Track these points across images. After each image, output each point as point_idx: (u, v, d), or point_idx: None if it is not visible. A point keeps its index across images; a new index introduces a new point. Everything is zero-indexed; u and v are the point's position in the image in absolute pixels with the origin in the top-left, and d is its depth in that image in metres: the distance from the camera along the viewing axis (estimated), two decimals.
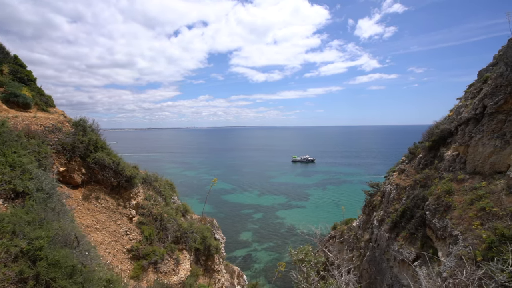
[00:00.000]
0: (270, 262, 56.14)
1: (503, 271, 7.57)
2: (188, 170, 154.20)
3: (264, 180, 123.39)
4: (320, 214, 78.45)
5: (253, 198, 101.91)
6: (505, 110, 12.76)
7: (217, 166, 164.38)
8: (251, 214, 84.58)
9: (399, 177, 20.04)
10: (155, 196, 10.02)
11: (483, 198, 11.11)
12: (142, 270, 7.42)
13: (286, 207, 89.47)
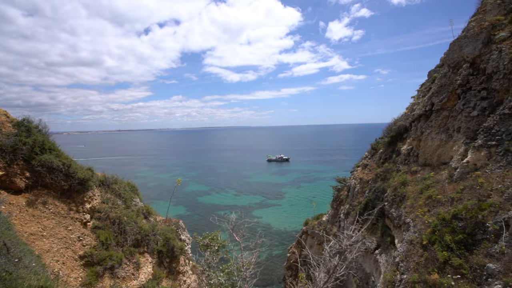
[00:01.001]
0: None
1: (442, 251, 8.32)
2: (162, 172, 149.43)
3: (239, 180, 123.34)
4: (295, 212, 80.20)
5: (229, 198, 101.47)
6: (449, 107, 14.00)
7: (192, 168, 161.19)
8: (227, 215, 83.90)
9: (362, 171, 21.13)
10: (113, 199, 9.61)
11: (430, 187, 12.11)
12: (97, 277, 7.09)
13: (262, 206, 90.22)
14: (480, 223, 8.11)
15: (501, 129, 10.16)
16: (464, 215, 8.69)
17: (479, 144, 10.69)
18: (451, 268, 7.94)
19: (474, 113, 11.96)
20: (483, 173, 9.96)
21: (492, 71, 11.52)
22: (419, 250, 9.68)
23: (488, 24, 12.52)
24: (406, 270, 9.74)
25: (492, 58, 11.59)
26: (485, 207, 8.25)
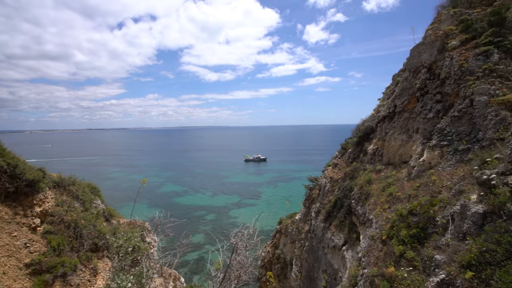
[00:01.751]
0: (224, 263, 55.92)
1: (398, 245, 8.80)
2: (136, 173, 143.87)
3: (217, 180, 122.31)
4: (271, 211, 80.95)
5: (206, 199, 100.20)
6: (409, 109, 14.87)
7: (168, 168, 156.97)
8: (203, 216, 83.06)
9: (333, 170, 21.80)
10: (70, 201, 9.04)
11: (391, 185, 12.77)
12: (45, 286, 6.60)
13: (239, 206, 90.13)
14: (431, 218, 8.69)
15: (452, 130, 10.97)
16: (418, 211, 9.26)
17: (433, 144, 11.46)
18: (406, 261, 8.43)
19: (430, 115, 12.81)
20: (436, 171, 10.69)
21: (445, 76, 12.40)
22: (379, 245, 10.16)
23: (442, 33, 13.46)
24: (367, 264, 10.17)
25: (445, 64, 12.48)
26: (436, 202, 8.85)
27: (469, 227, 6.75)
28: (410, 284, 7.50)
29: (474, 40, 11.98)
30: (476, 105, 10.14)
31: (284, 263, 27.97)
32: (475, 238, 6.24)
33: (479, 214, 6.63)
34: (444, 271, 6.43)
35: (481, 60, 10.88)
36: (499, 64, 10.47)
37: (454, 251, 6.69)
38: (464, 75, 11.23)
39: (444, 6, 15.81)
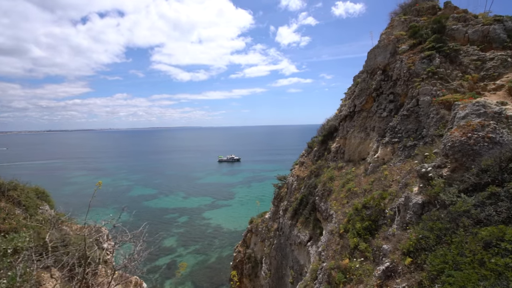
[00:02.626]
0: (197, 265, 54.94)
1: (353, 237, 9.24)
2: (102, 177, 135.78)
3: (189, 182, 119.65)
4: (245, 211, 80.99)
5: (178, 201, 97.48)
6: (367, 108, 15.72)
7: (138, 171, 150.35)
8: (175, 219, 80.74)
9: (299, 169, 22.35)
10: (9, 208, 8.25)
11: (350, 181, 13.40)
12: None
13: (212, 208, 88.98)
14: (382, 210, 9.26)
15: (402, 128, 11.80)
16: (371, 204, 9.82)
17: (386, 141, 12.23)
18: (359, 252, 8.88)
19: (384, 114, 13.65)
20: (388, 166, 11.42)
21: (396, 77, 13.30)
22: (337, 239, 10.61)
23: (394, 38, 14.42)
24: (326, 258, 10.56)
25: (396, 66, 13.38)
26: (386, 196, 9.45)
27: (411, 217, 7.30)
28: (361, 274, 7.91)
29: (420, 45, 13.00)
30: (421, 105, 11.01)
31: (255, 262, 28.12)
32: (414, 227, 6.75)
33: (418, 205, 7.20)
34: (389, 259, 6.88)
35: (426, 63, 11.84)
36: (440, 67, 11.47)
37: (398, 240, 7.18)
38: (411, 76, 12.14)
39: (397, 13, 16.94)
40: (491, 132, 6.49)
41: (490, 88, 10.71)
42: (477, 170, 5.84)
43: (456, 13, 14.50)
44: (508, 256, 3.85)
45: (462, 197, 5.81)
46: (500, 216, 4.64)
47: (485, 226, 4.76)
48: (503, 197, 4.88)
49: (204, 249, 63.00)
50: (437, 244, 5.54)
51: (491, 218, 4.75)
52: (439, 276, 4.78)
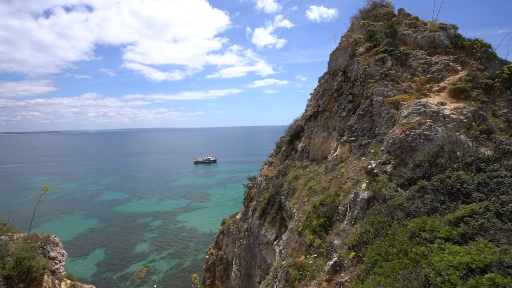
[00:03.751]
0: (171, 270, 53.37)
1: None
2: (68, 181, 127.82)
3: (163, 184, 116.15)
4: (221, 213, 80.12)
5: (151, 205, 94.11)
6: (329, 108, 16.21)
7: (108, 174, 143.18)
8: (148, 223, 77.84)
9: (268, 169, 22.51)
10: None
11: (312, 180, 13.71)
12: None
13: (187, 210, 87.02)
14: (336, 207, 9.56)
15: (358, 127, 12.31)
16: (327, 201, 10.09)
17: (344, 140, 12.69)
18: (314, 249, 9.08)
19: (343, 114, 14.16)
20: (345, 164, 11.84)
21: (354, 79, 13.86)
22: (296, 237, 10.78)
23: (352, 41, 15.03)
24: (285, 256, 10.68)
25: (354, 68, 13.94)
26: (340, 193, 9.78)
27: (358, 212, 7.59)
28: (314, 270, 8.08)
29: (375, 48, 13.67)
30: (374, 105, 11.55)
31: (226, 264, 27.85)
32: (360, 222, 7.02)
33: (364, 200, 7.51)
34: (337, 254, 7.09)
35: (379, 66, 12.46)
36: (392, 69, 12.13)
37: (346, 235, 7.43)
38: (367, 78, 12.70)
39: (357, 18, 17.68)
40: (426, 130, 6.93)
41: (435, 89, 11.50)
42: (412, 165, 6.19)
43: (408, 19, 15.45)
44: (426, 245, 4.09)
45: (399, 192, 6.12)
46: (426, 207, 4.94)
47: (414, 217, 5.04)
48: (429, 190, 5.21)
49: (178, 253, 61.40)
50: (376, 237, 5.78)
51: (419, 210, 5.04)
52: (373, 267, 4.98)
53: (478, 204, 4.01)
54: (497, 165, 4.58)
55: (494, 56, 12.57)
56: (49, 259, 9.93)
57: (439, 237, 3.94)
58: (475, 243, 3.41)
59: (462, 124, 8.61)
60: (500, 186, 4.22)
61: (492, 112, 10.65)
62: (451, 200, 4.67)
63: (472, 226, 3.73)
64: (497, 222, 3.59)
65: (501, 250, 3.05)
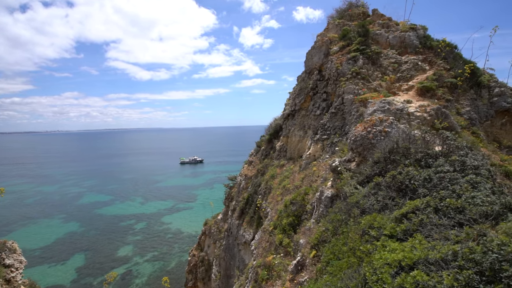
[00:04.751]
0: (154, 273, 52.22)
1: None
2: (46, 184, 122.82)
3: (148, 185, 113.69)
4: (207, 213, 79.23)
5: (135, 207, 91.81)
6: (305, 107, 16.23)
7: (90, 176, 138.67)
8: (132, 225, 75.85)
9: (248, 168, 22.35)
10: None
11: (286, 178, 13.66)
12: None
13: (173, 211, 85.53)
14: (304, 206, 9.52)
15: (330, 125, 12.35)
16: (297, 200, 10.03)
17: (317, 138, 12.70)
18: (283, 248, 8.99)
19: (317, 112, 14.19)
20: (317, 162, 11.85)
21: (328, 77, 13.92)
22: (267, 236, 10.66)
23: (327, 39, 15.10)
24: (257, 256, 10.54)
25: (328, 67, 14.01)
26: (309, 191, 9.75)
27: (323, 211, 7.55)
28: (281, 270, 7.99)
29: (348, 47, 13.78)
30: (345, 103, 11.61)
31: (208, 265, 27.49)
32: (322, 220, 6.97)
33: (328, 198, 7.47)
34: (300, 253, 7.01)
35: (351, 64, 12.56)
36: (363, 68, 12.25)
37: (310, 234, 7.37)
38: (339, 76, 12.78)
39: (333, 17, 17.80)
40: (388, 127, 6.97)
41: (404, 88, 11.70)
42: (371, 162, 6.19)
43: (382, 20, 15.69)
44: (372, 242, 4.04)
45: (358, 189, 6.10)
46: (379, 204, 4.92)
47: (367, 215, 5.01)
48: (382, 186, 5.20)
49: (162, 255, 60.22)
50: (334, 235, 5.72)
51: (372, 207, 5.01)
52: (327, 267, 4.90)
53: (421, 200, 4.00)
54: (442, 161, 4.61)
55: (460, 56, 12.97)
56: (4, 267, 9.29)
57: (384, 234, 3.89)
58: (412, 240, 3.37)
59: (425, 121, 8.76)
60: (442, 181, 4.24)
61: (456, 110, 10.95)
62: (401, 196, 4.66)
63: (414, 223, 3.71)
64: (434, 218, 3.58)
65: (429, 247, 3.01)
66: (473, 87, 11.93)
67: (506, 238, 2.56)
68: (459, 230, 3.18)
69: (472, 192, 3.74)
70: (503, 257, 2.31)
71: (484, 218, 3.25)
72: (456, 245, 2.75)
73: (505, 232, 2.71)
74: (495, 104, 11.94)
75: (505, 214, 3.21)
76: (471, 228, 3.05)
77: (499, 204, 3.31)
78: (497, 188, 3.95)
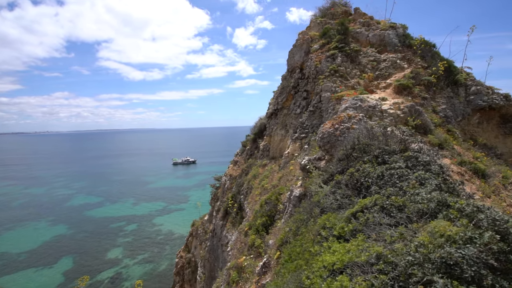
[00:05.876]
0: (145, 275, 51.45)
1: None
2: (35, 186, 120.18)
3: (140, 187, 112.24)
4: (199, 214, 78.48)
5: (126, 209, 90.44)
6: (287, 106, 16.07)
7: (80, 178, 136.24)
8: (122, 227, 74.70)
9: (233, 168, 22.08)
10: None
11: (266, 178, 13.45)
12: None
13: (164, 213, 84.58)
14: (277, 205, 9.33)
15: (309, 123, 12.20)
16: (271, 200, 9.84)
17: (296, 137, 12.54)
18: (255, 249, 8.77)
19: (298, 111, 14.04)
20: (295, 161, 11.66)
21: (308, 76, 13.78)
22: (242, 237, 10.44)
23: (308, 37, 14.97)
24: (231, 257, 10.30)
25: (308, 65, 13.86)
26: (283, 190, 9.57)
27: (291, 210, 7.36)
28: (251, 272, 7.76)
29: (328, 45, 13.66)
30: (323, 101, 11.48)
31: (195, 267, 27.09)
32: (289, 220, 6.78)
33: (296, 197, 7.29)
34: (267, 255, 6.80)
35: (329, 62, 12.44)
36: (341, 65, 12.14)
37: (278, 234, 7.17)
38: (318, 74, 12.65)
39: (316, 15, 17.71)
40: (356, 123, 6.81)
41: (382, 86, 11.62)
42: (336, 160, 6.02)
43: (363, 18, 15.65)
44: (322, 243, 3.85)
45: (323, 187, 5.92)
46: (336, 203, 4.74)
47: (325, 214, 4.83)
48: (342, 185, 5.03)
49: (153, 257, 59.42)
50: (295, 236, 5.53)
51: (331, 206, 4.83)
52: (282, 269, 4.70)
53: (371, 198, 3.83)
54: (397, 157, 4.46)
55: (438, 55, 12.99)
56: None
57: (333, 235, 3.70)
58: (353, 241, 3.19)
59: (399, 118, 8.66)
60: (392, 178, 4.08)
61: (432, 108, 10.92)
62: (356, 194, 4.50)
63: (360, 222, 3.53)
64: (378, 217, 3.40)
65: (362, 249, 2.83)
66: (450, 85, 11.94)
67: (427, 239, 2.39)
68: (395, 230, 3.01)
69: (418, 189, 3.58)
70: (416, 260, 2.14)
71: (419, 217, 3.09)
72: (381, 247, 2.58)
73: (429, 231, 2.55)
74: (471, 102, 11.98)
75: (440, 212, 3.05)
76: (405, 228, 2.88)
77: (435, 202, 3.14)
78: (446, 184, 3.81)
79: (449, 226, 2.49)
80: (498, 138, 12.14)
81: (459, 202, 2.95)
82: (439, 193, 3.30)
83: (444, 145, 8.28)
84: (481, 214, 2.61)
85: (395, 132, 5.24)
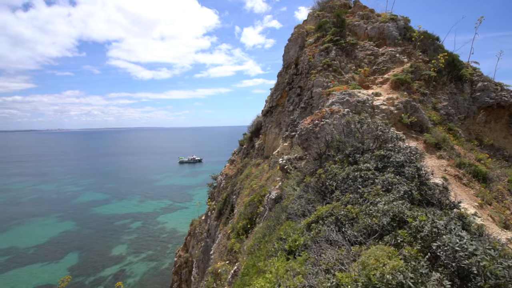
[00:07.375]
0: (148, 272, 51.61)
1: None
2: (45, 183, 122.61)
3: (146, 185, 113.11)
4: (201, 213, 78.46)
5: (132, 206, 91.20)
6: (282, 103, 15.38)
7: (88, 175, 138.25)
8: (127, 225, 75.28)
9: (229, 167, 21.53)
10: None
11: (256, 178, 12.83)
12: None
13: (169, 211, 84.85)
14: (258, 208, 8.71)
15: (299, 121, 11.49)
16: (254, 201, 9.23)
17: (286, 135, 11.87)
18: (233, 254, 8.19)
19: (291, 108, 13.34)
20: None
21: (301, 71, 13.07)
22: (225, 240, 9.87)
23: (303, 31, 14.23)
24: (213, 261, 9.75)
25: (302, 60, 13.15)
26: (265, 192, 8.93)
27: (267, 214, 6.74)
28: (225, 279, 7.19)
29: (323, 38, 12.91)
30: (314, 97, 10.77)
31: (191, 266, 26.72)
32: (260, 225, 6.18)
33: (272, 200, 6.67)
34: (239, 262, 6.21)
35: (323, 56, 11.70)
36: (335, 60, 11.38)
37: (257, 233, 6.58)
38: (310, 69, 11.93)
39: (314, 9, 16.94)
40: (337, 119, 6.13)
41: (378, 81, 10.84)
42: (312, 159, 5.37)
43: (363, 11, 14.81)
44: (272, 257, 3.24)
45: (296, 190, 5.28)
46: (301, 210, 4.11)
47: (289, 221, 4.20)
48: (310, 188, 4.39)
49: (156, 255, 59.55)
50: (261, 243, 4.92)
51: (296, 213, 4.20)
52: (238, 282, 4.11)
53: (327, 206, 3.19)
54: (368, 156, 3.79)
55: (441, 48, 12.08)
56: None
57: (284, 249, 3.10)
58: (293, 262, 2.57)
59: (392, 115, 7.91)
60: (355, 182, 3.42)
61: (432, 104, 10.08)
62: (321, 199, 3.86)
63: (311, 236, 2.91)
64: (328, 231, 2.77)
65: (294, 274, 2.22)
66: (454, 80, 11.04)
67: (349, 279, 1.77)
68: (336, 251, 2.38)
69: (381, 197, 2.92)
70: None
71: (367, 236, 2.45)
72: (304, 278, 1.97)
73: (362, 263, 1.91)
74: (477, 99, 11.05)
75: (391, 231, 2.38)
76: (347, 252, 2.25)
77: (390, 216, 2.49)
78: (420, 190, 3.12)
79: (388, 257, 1.85)
80: (507, 138, 11.17)
81: (419, 218, 2.30)
82: (402, 203, 2.64)
83: (441, 144, 7.49)
84: (440, 239, 1.93)
85: (371, 127, 4.55)
